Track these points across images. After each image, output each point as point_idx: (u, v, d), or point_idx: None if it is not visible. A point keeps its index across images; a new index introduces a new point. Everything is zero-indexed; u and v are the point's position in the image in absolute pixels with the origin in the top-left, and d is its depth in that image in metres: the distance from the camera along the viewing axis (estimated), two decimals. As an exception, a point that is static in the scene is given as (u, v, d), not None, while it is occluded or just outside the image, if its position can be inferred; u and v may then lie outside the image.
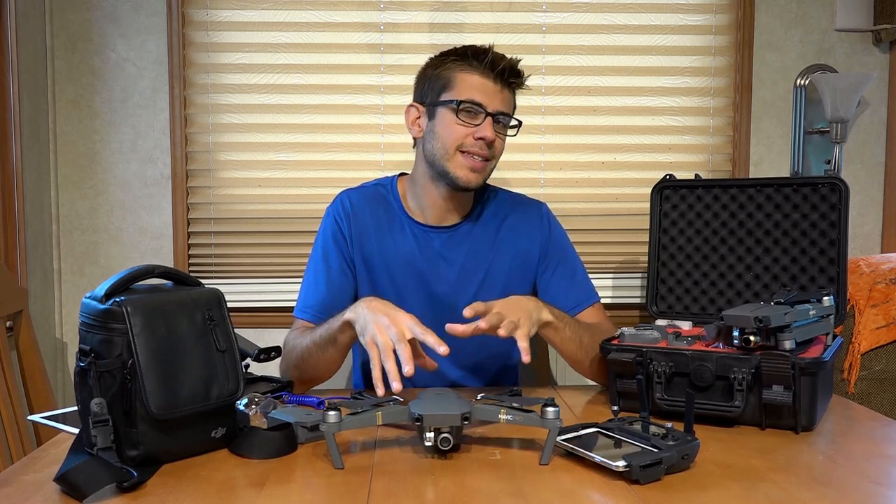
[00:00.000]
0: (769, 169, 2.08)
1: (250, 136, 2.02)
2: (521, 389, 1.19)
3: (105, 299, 0.91)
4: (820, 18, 2.06)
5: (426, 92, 1.37)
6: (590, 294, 1.44)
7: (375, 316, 1.10)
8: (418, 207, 1.42)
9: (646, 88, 2.05)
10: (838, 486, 0.87)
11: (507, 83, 1.33)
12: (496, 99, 1.32)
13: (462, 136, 1.31)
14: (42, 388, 1.65)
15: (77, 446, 0.93)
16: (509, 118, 1.36)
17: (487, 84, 1.31)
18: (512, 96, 1.37)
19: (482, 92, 1.31)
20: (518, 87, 1.37)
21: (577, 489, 0.85)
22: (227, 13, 1.99)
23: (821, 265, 1.40)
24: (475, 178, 1.33)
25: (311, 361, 1.28)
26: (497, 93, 1.32)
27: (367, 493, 0.84)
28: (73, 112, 1.99)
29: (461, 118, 1.31)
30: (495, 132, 1.32)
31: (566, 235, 1.50)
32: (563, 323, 1.26)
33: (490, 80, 1.31)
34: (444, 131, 1.33)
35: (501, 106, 1.33)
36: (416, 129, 1.39)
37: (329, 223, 1.44)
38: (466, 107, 1.31)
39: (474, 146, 1.31)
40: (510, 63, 1.33)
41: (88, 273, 2.02)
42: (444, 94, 1.33)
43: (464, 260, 1.41)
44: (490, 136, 1.30)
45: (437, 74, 1.35)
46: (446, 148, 1.33)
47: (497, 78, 1.32)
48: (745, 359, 1.08)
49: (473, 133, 1.31)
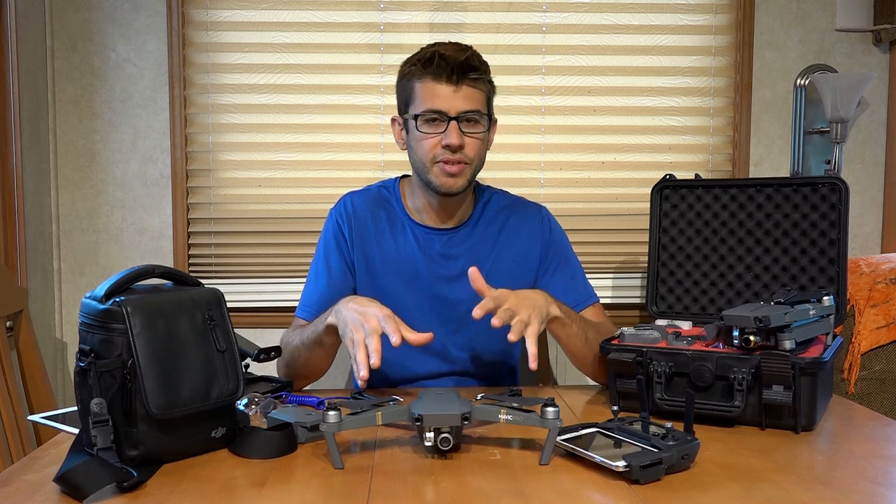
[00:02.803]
0: (769, 169, 2.08)
1: (250, 136, 2.02)
2: (521, 389, 1.19)
3: (105, 299, 0.91)
4: (820, 18, 2.06)
5: (400, 105, 1.38)
6: (589, 294, 1.45)
7: (351, 315, 1.15)
8: (418, 210, 1.43)
9: (646, 88, 2.05)
10: (838, 486, 0.87)
11: (465, 80, 1.29)
12: (455, 100, 1.29)
13: (431, 147, 1.31)
14: (42, 388, 1.65)
15: (77, 446, 0.93)
16: (479, 113, 1.32)
17: (442, 88, 1.29)
18: (477, 91, 1.31)
19: (439, 98, 1.29)
20: (480, 80, 1.31)
21: (577, 489, 0.85)
22: (227, 13, 1.99)
23: (821, 265, 1.40)
24: (454, 182, 1.32)
25: (301, 361, 1.31)
26: (455, 94, 1.28)
27: (367, 493, 0.84)
28: (73, 112, 1.99)
29: (426, 130, 1.31)
30: (463, 133, 1.30)
31: (566, 238, 1.50)
32: (571, 319, 1.26)
33: (444, 84, 1.28)
34: (417, 145, 1.33)
35: (464, 105, 1.29)
36: (402, 143, 1.40)
37: (331, 224, 1.45)
38: (427, 117, 1.30)
39: (444, 154, 1.30)
40: (459, 60, 1.28)
41: (88, 273, 2.02)
42: (410, 107, 1.34)
43: (465, 261, 1.41)
44: (454, 141, 1.28)
45: (402, 86, 1.35)
46: (422, 162, 1.33)
47: (451, 78, 1.28)
48: (745, 359, 1.08)
49: (441, 141, 1.30)
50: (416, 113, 1.31)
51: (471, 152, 1.32)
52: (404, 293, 1.40)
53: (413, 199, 1.43)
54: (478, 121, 1.32)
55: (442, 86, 1.29)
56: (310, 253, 1.51)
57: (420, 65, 1.30)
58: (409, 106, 1.34)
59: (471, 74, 1.29)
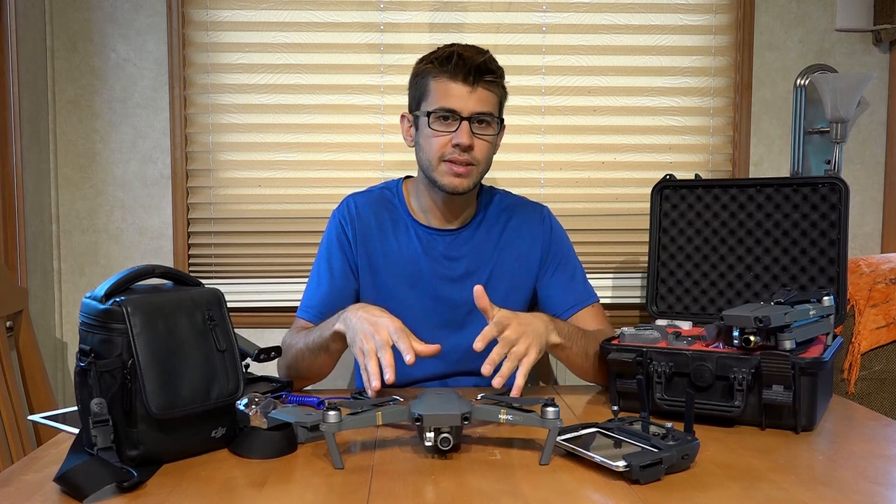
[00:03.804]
0: (769, 169, 2.08)
1: (250, 136, 2.02)
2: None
3: (105, 299, 0.91)
4: (820, 18, 2.06)
5: (411, 101, 1.38)
6: (589, 294, 1.45)
7: (362, 325, 1.15)
8: (422, 210, 1.43)
9: (646, 88, 2.05)
10: (838, 486, 0.86)
11: (480, 82, 1.29)
12: (470, 101, 1.29)
13: (441, 145, 1.31)
14: (42, 388, 1.65)
15: (77, 446, 0.93)
16: (492, 116, 1.32)
17: (458, 88, 1.29)
18: (491, 94, 1.32)
19: (454, 97, 1.29)
20: (495, 83, 1.32)
21: (576, 489, 0.85)
22: (227, 13, 1.99)
23: (821, 265, 1.40)
24: (461, 183, 1.32)
25: (305, 364, 1.31)
26: (470, 94, 1.29)
27: (367, 493, 0.84)
28: (73, 112, 1.99)
29: (437, 128, 1.31)
30: (474, 134, 1.30)
31: (567, 238, 1.50)
32: (571, 341, 1.24)
33: (460, 83, 1.29)
34: (426, 143, 1.33)
35: (477, 107, 1.30)
36: (409, 140, 1.40)
37: (334, 226, 1.45)
38: (440, 115, 1.30)
39: (453, 153, 1.30)
40: (478, 62, 1.28)
41: (88, 273, 2.02)
42: (423, 104, 1.34)
43: (468, 262, 1.42)
44: (465, 141, 1.28)
45: (416, 83, 1.35)
46: (430, 159, 1.33)
47: (467, 79, 1.28)
48: (745, 359, 1.08)
49: (451, 140, 1.30)
50: (430, 110, 1.31)
51: (479, 154, 1.32)
52: (407, 294, 1.40)
53: (417, 199, 1.43)
54: (489, 123, 1.32)
55: (458, 85, 1.29)
56: (310, 253, 1.51)
57: (437, 63, 1.30)
58: (423, 103, 1.34)
59: (487, 77, 1.30)
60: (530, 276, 1.45)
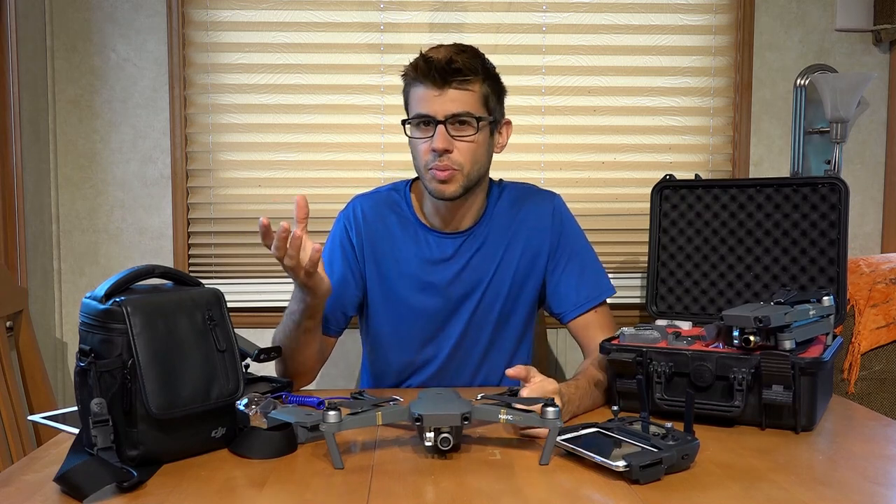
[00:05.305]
0: (769, 169, 2.08)
1: (250, 136, 2.02)
2: (521, 389, 1.19)
3: (105, 299, 0.91)
4: (820, 18, 2.06)
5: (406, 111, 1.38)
6: (600, 292, 1.40)
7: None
8: (429, 214, 1.40)
9: (646, 88, 2.05)
10: (838, 486, 0.87)
11: (451, 83, 1.25)
12: (442, 103, 1.25)
13: (423, 153, 1.30)
14: (42, 388, 1.65)
15: (77, 446, 0.93)
16: (469, 116, 1.27)
17: (428, 92, 1.26)
18: (466, 92, 1.26)
19: (425, 101, 1.27)
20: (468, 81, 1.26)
21: (577, 489, 0.85)
22: (227, 13, 1.99)
23: (821, 265, 1.40)
24: (446, 188, 1.29)
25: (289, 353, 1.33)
26: (439, 97, 1.25)
27: (367, 493, 0.84)
28: (73, 112, 1.99)
29: (417, 135, 1.30)
30: (454, 137, 1.27)
31: (579, 228, 1.46)
32: (581, 408, 1.16)
33: (430, 87, 1.26)
34: (413, 151, 1.33)
35: (451, 108, 1.25)
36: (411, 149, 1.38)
37: (339, 229, 1.43)
38: (416, 122, 1.29)
39: (434, 160, 1.27)
40: (442, 63, 1.24)
41: (88, 273, 2.02)
42: (407, 113, 1.34)
43: (477, 262, 1.40)
44: (439, 145, 1.25)
45: (404, 93, 1.35)
46: (418, 167, 1.33)
47: (436, 81, 1.25)
48: (745, 359, 1.08)
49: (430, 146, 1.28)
50: (408, 118, 1.31)
51: (461, 157, 1.27)
52: (416, 297, 1.39)
53: (424, 203, 1.41)
54: (469, 123, 1.27)
55: (428, 89, 1.26)
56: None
57: (411, 69, 1.29)
58: (407, 112, 1.34)
59: (457, 76, 1.25)
60: (537, 271, 1.42)
